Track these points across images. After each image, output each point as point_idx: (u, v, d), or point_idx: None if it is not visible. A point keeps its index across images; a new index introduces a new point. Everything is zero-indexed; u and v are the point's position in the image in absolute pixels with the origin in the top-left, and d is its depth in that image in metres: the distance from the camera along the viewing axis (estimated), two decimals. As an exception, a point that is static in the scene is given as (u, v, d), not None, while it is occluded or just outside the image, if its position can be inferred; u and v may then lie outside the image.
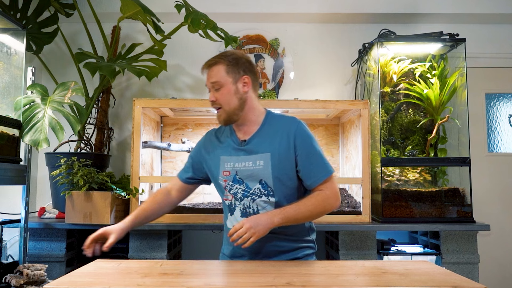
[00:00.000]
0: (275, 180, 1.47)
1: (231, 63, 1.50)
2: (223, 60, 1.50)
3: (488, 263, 2.73)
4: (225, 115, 1.50)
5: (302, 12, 2.76)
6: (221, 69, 1.49)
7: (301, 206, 1.41)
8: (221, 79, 1.48)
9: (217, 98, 1.49)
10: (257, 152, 1.49)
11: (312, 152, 1.48)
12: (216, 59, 1.51)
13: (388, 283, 1.09)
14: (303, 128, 1.52)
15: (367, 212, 2.18)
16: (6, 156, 1.84)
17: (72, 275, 1.17)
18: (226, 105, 1.49)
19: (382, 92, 2.41)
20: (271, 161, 1.47)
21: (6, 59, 2.00)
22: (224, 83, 1.48)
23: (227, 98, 1.48)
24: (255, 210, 1.49)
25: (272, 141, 1.49)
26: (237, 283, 1.08)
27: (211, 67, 1.51)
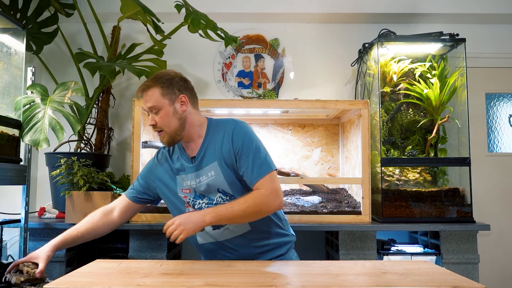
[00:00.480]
0: (231, 185, 1.47)
1: (165, 84, 1.48)
2: (156, 83, 1.48)
3: (488, 263, 2.73)
4: (167, 137, 1.49)
5: (302, 12, 2.76)
6: (156, 92, 1.47)
7: (235, 205, 1.38)
8: (158, 102, 1.47)
9: (157, 122, 1.48)
10: (206, 164, 1.49)
11: (249, 150, 1.45)
12: (149, 83, 1.49)
13: (388, 283, 1.09)
14: (241, 127, 1.50)
15: (367, 212, 2.18)
16: (6, 156, 1.84)
17: (72, 275, 1.17)
18: (167, 127, 1.48)
19: (382, 92, 2.41)
20: (220, 168, 1.47)
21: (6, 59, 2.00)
22: (162, 106, 1.47)
23: (166, 120, 1.47)
24: None
25: (215, 149, 1.49)
26: (237, 283, 1.08)
27: (145, 91, 1.49)
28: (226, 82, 2.85)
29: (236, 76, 2.86)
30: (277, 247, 1.56)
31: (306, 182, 2.39)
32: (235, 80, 2.85)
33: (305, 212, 2.19)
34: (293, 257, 1.62)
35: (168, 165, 1.59)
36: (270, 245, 1.54)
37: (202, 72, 2.85)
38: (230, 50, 2.86)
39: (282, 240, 1.57)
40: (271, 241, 1.54)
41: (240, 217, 1.38)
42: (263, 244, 1.53)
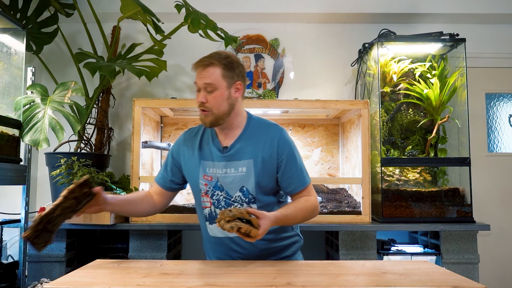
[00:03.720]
0: (257, 187, 1.46)
1: (227, 67, 1.45)
2: (219, 63, 1.44)
3: (488, 263, 2.73)
4: (212, 118, 1.45)
5: (302, 12, 2.76)
6: (217, 72, 1.43)
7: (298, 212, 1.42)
8: (216, 82, 1.43)
9: (208, 101, 1.43)
10: (239, 158, 1.47)
11: (295, 159, 1.49)
12: (213, 60, 1.44)
13: (388, 283, 1.09)
14: (286, 136, 1.52)
15: (367, 212, 2.18)
16: (6, 156, 1.84)
17: (72, 275, 1.17)
18: (216, 108, 1.44)
19: (382, 92, 2.41)
20: (254, 168, 1.45)
21: (6, 59, 2.00)
22: (219, 87, 1.43)
23: (218, 102, 1.43)
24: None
25: (254, 147, 1.47)
26: (237, 283, 1.08)
27: (206, 67, 1.44)
28: (226, 82, 2.84)
29: (236, 76, 2.85)
30: (285, 249, 1.55)
31: (306, 182, 2.39)
32: (235, 80, 2.85)
33: (305, 212, 2.19)
34: (299, 258, 1.62)
35: (196, 146, 1.54)
36: (279, 246, 1.53)
37: (202, 72, 2.85)
38: (230, 50, 2.86)
39: (291, 241, 1.57)
40: (280, 242, 1.53)
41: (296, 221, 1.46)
42: (273, 245, 1.52)
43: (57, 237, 2.14)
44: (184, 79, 2.85)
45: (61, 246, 2.14)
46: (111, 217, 2.06)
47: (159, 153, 2.70)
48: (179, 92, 2.84)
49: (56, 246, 2.14)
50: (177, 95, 2.82)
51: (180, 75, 2.85)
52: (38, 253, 2.13)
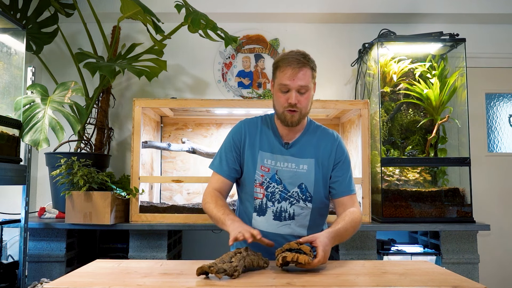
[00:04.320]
0: (316, 186, 1.50)
1: (314, 69, 1.49)
2: (309, 65, 1.46)
3: (488, 263, 2.73)
4: (298, 117, 1.47)
5: (302, 12, 2.76)
6: (308, 74, 1.45)
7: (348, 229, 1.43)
8: (309, 83, 1.45)
9: (300, 102, 1.45)
10: (301, 156, 1.51)
11: (348, 165, 1.56)
12: (304, 61, 1.45)
13: (388, 283, 1.09)
14: (342, 142, 1.59)
15: (367, 212, 2.18)
16: (6, 156, 1.84)
17: (72, 275, 1.17)
18: (305, 108, 1.48)
19: (382, 92, 2.41)
20: (315, 167, 1.51)
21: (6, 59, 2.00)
22: (309, 88, 1.46)
23: (308, 102, 1.48)
24: (291, 215, 1.50)
25: (316, 148, 1.53)
26: (237, 283, 1.08)
27: (300, 69, 1.44)
28: (226, 82, 2.85)
29: (236, 76, 2.86)
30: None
31: (306, 182, 2.39)
32: (235, 80, 2.85)
33: (305, 212, 2.19)
34: None
35: (257, 136, 1.54)
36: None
37: (202, 72, 2.85)
38: (230, 50, 2.86)
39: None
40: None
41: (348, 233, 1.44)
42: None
43: (57, 237, 2.14)
44: (184, 79, 2.85)
45: (61, 246, 2.14)
46: (111, 217, 2.06)
47: (159, 153, 2.70)
48: (179, 92, 2.84)
49: (56, 246, 2.14)
50: (177, 95, 2.82)
51: (180, 75, 2.85)
52: (38, 253, 2.13)
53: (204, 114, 2.63)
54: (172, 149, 2.42)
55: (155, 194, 2.61)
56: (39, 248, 2.14)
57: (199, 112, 2.57)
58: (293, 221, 1.50)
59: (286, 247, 1.23)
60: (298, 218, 1.51)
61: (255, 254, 1.25)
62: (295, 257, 1.18)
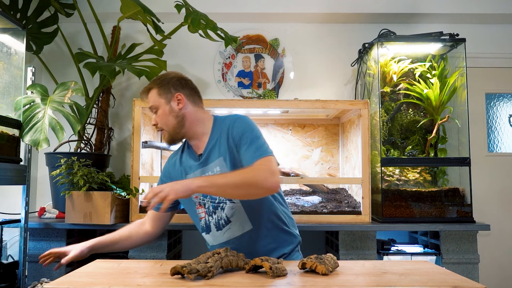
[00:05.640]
0: None
1: (161, 84, 1.54)
2: (154, 84, 1.56)
3: (488, 263, 2.73)
4: (167, 135, 1.56)
5: (302, 12, 2.76)
6: (154, 93, 1.54)
7: (229, 174, 1.37)
8: (155, 102, 1.54)
9: (156, 121, 1.55)
10: (212, 160, 1.50)
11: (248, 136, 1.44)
12: (149, 86, 1.57)
13: (388, 283, 1.09)
14: (242, 119, 1.51)
15: (367, 212, 2.18)
16: (6, 156, 1.84)
17: (72, 275, 1.17)
18: (165, 125, 1.54)
19: (382, 92, 2.41)
20: (225, 163, 1.47)
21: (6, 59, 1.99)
22: (159, 105, 1.53)
23: (164, 119, 1.53)
24: (226, 220, 1.51)
25: (220, 144, 1.50)
26: (237, 283, 1.08)
27: (146, 94, 1.57)
28: (226, 82, 2.85)
29: (236, 76, 2.86)
30: (280, 246, 1.54)
31: (306, 182, 2.39)
32: (235, 80, 2.85)
33: (305, 212, 2.19)
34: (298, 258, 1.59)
35: (179, 166, 1.61)
36: (273, 244, 1.53)
37: (202, 72, 2.85)
38: (230, 50, 2.86)
39: (285, 238, 1.56)
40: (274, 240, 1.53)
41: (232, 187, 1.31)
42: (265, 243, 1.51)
43: (57, 237, 2.14)
44: (184, 79, 2.85)
45: (61, 246, 2.13)
46: (111, 217, 2.06)
47: (159, 153, 2.70)
48: (179, 92, 2.83)
49: (56, 246, 2.14)
50: (177, 95, 2.81)
51: (180, 75, 2.85)
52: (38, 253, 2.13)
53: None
54: (172, 149, 2.42)
55: (155, 194, 2.60)
56: (39, 248, 2.13)
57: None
58: (230, 223, 1.51)
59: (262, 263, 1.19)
60: (234, 218, 1.50)
61: (236, 255, 1.24)
62: (314, 265, 1.18)
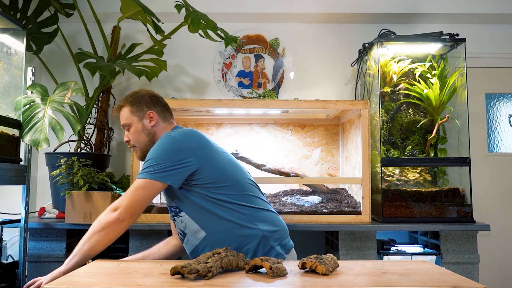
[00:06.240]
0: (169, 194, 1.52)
1: (133, 102, 1.58)
2: (126, 102, 1.59)
3: (488, 263, 2.73)
4: (139, 152, 1.60)
5: (302, 12, 2.76)
6: (126, 111, 1.58)
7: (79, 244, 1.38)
8: (127, 120, 1.58)
9: (129, 138, 1.59)
10: None
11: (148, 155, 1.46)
12: (121, 103, 1.60)
13: (388, 283, 1.09)
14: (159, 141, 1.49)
15: (367, 212, 2.18)
16: (6, 156, 1.84)
17: (72, 275, 1.17)
18: (137, 142, 1.58)
19: (382, 92, 2.41)
20: None
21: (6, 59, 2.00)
22: (131, 123, 1.57)
23: (136, 136, 1.57)
24: (182, 233, 1.54)
25: None
26: (237, 283, 1.08)
27: (118, 111, 1.61)
28: (226, 82, 2.85)
29: (236, 76, 2.86)
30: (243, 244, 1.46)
31: (306, 182, 2.39)
32: (235, 80, 2.85)
33: (305, 212, 2.19)
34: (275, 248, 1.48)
35: None
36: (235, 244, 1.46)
37: (202, 72, 2.85)
38: (230, 50, 2.86)
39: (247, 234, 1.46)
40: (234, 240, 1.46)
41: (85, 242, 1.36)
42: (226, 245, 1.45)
43: (57, 237, 2.14)
44: (184, 79, 2.85)
45: (61, 246, 2.14)
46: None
47: (159, 153, 2.69)
48: (179, 92, 2.84)
49: (56, 246, 2.14)
50: (177, 95, 2.82)
51: (180, 75, 2.85)
52: (38, 253, 2.13)
53: (204, 114, 2.63)
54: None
55: (155, 194, 2.61)
56: (39, 248, 2.14)
57: (199, 112, 2.57)
58: (186, 235, 1.52)
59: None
60: (187, 230, 1.51)
61: (236, 255, 1.24)
62: (314, 265, 1.18)
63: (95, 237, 1.37)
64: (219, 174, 1.48)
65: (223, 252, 1.21)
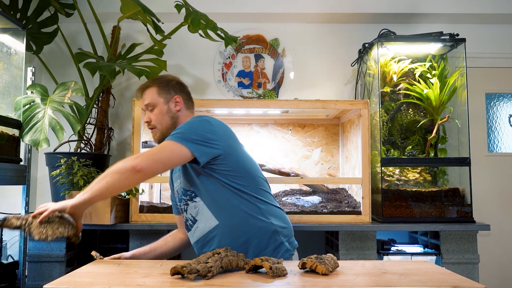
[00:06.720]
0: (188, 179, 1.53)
1: (162, 84, 1.59)
2: (154, 83, 1.60)
3: (488, 263, 2.73)
4: (159, 134, 1.58)
5: (302, 12, 2.76)
6: (153, 91, 1.58)
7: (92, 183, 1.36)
8: (153, 100, 1.57)
9: (151, 119, 1.57)
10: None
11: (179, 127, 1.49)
12: (148, 83, 1.61)
13: (388, 283, 1.09)
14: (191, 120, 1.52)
15: (367, 212, 2.18)
16: (6, 156, 1.84)
17: (72, 275, 1.17)
18: (159, 124, 1.57)
19: (382, 92, 2.41)
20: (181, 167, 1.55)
21: (6, 59, 2.00)
22: (157, 104, 1.57)
23: (159, 117, 1.57)
24: (193, 219, 1.54)
25: None
26: (237, 283, 1.08)
27: (144, 90, 1.60)
28: (226, 82, 2.85)
29: (236, 76, 2.86)
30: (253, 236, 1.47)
31: (306, 182, 2.39)
32: (235, 80, 2.85)
33: (305, 212, 2.19)
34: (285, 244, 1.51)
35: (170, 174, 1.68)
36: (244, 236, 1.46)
37: (202, 72, 2.85)
38: (230, 50, 2.86)
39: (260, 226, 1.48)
40: (245, 232, 1.47)
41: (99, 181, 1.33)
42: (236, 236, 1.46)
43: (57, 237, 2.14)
44: (184, 79, 2.82)
45: (61, 246, 2.14)
46: (111, 217, 2.06)
47: (159, 153, 2.69)
48: (179, 92, 2.83)
49: (56, 246, 2.14)
50: (177, 95, 2.81)
51: (180, 75, 2.84)
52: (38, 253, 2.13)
53: (204, 114, 2.62)
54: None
55: (155, 194, 2.61)
56: (39, 248, 2.13)
57: (199, 112, 2.57)
58: (197, 222, 1.52)
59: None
60: (199, 217, 1.51)
61: (236, 255, 1.24)
62: (314, 265, 1.18)
63: (107, 178, 1.33)
64: (238, 165, 1.51)
65: (223, 252, 1.21)
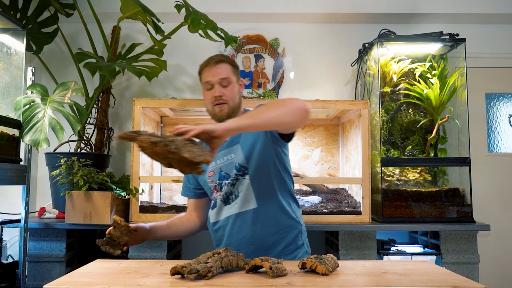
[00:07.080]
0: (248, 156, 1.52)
1: (234, 64, 1.61)
2: (228, 61, 1.59)
3: (488, 263, 2.72)
4: (228, 110, 1.54)
5: (302, 12, 2.76)
6: (227, 67, 1.56)
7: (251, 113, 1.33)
8: (230, 76, 1.55)
9: (224, 94, 1.53)
10: (237, 142, 1.55)
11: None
12: (222, 58, 1.58)
13: (388, 283, 1.09)
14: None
15: (367, 212, 2.18)
16: (6, 156, 1.84)
17: (72, 275, 1.17)
18: (232, 100, 1.54)
19: (382, 92, 2.41)
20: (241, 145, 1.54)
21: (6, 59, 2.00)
22: (232, 81, 1.56)
23: (233, 94, 1.55)
24: (236, 194, 1.53)
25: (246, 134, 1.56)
26: (237, 283, 1.08)
27: (218, 63, 1.56)
28: (226, 82, 2.84)
29: (236, 76, 2.85)
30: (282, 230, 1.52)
31: (306, 182, 2.39)
32: (235, 80, 2.85)
33: (305, 212, 2.19)
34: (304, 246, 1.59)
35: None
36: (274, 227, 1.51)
37: (202, 72, 2.85)
38: (230, 50, 2.86)
39: (289, 223, 1.54)
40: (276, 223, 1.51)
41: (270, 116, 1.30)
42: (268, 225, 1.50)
43: (57, 237, 2.14)
44: (184, 79, 2.85)
45: (61, 246, 2.14)
46: (110, 217, 2.06)
47: (159, 153, 2.69)
48: (179, 92, 2.84)
49: (56, 246, 2.14)
50: (177, 95, 2.82)
51: (180, 75, 2.85)
52: (38, 253, 2.13)
53: (204, 114, 2.62)
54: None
55: (155, 194, 2.61)
56: (39, 248, 2.14)
57: (199, 112, 2.57)
58: (237, 198, 1.53)
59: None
60: (242, 194, 1.52)
61: (236, 255, 1.24)
62: (314, 265, 1.18)
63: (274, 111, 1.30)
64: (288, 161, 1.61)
65: (223, 252, 1.21)
